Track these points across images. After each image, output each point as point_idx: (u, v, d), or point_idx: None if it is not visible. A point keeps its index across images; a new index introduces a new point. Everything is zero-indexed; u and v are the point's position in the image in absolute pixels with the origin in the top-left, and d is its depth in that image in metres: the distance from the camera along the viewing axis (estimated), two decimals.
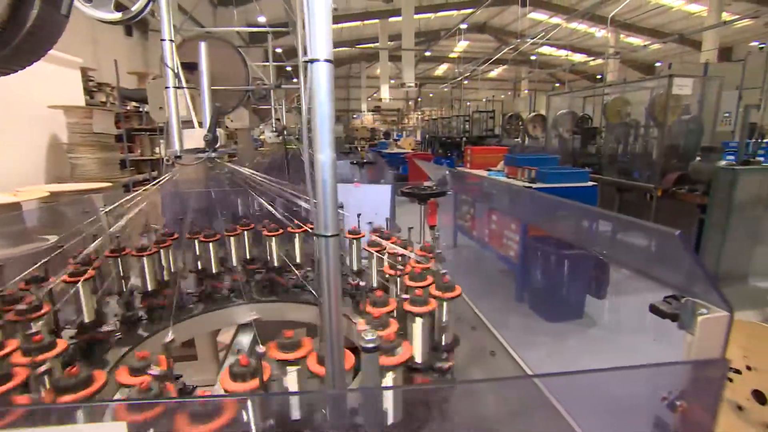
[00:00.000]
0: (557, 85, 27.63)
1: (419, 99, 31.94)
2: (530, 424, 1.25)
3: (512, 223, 4.19)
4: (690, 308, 0.75)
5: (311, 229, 1.99)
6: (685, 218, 5.15)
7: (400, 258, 1.61)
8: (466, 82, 22.16)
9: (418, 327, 1.12)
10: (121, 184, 5.21)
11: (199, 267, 1.97)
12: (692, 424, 0.75)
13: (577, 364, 3.24)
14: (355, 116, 27.96)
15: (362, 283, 1.79)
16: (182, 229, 1.96)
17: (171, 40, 1.27)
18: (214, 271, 1.97)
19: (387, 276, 1.60)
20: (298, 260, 1.96)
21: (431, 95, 30.56)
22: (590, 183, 4.46)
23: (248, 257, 2.06)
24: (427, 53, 21.31)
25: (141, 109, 6.85)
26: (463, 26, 17.49)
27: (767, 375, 2.27)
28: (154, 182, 1.84)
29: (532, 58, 22.69)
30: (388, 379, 0.89)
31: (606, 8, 14.38)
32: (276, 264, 1.96)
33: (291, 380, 0.89)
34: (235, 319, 2.04)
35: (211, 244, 1.89)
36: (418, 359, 1.17)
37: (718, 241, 4.83)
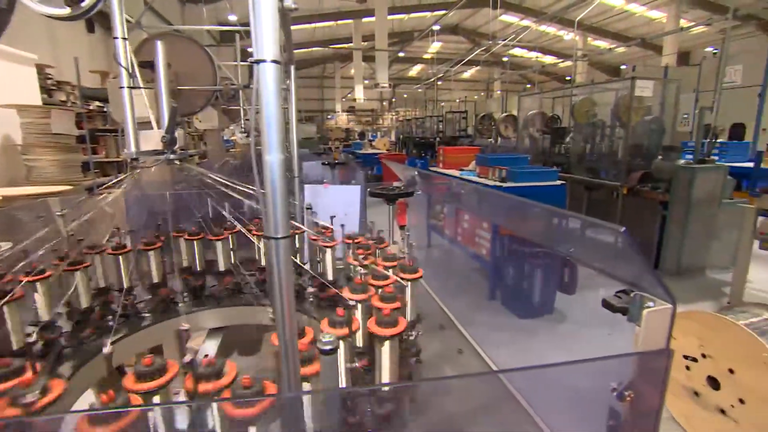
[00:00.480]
0: (528, 86, 28.25)
1: (393, 99, 32.09)
2: (494, 418, 1.27)
3: (483, 221, 4.26)
4: (638, 302, 0.78)
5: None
6: (649, 215, 5.35)
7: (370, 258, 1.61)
8: (439, 82, 22.37)
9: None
10: (84, 188, 5.00)
11: (153, 274, 1.89)
12: (639, 412, 0.77)
13: (546, 359, 3.31)
14: (329, 117, 27.83)
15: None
16: (136, 237, 1.89)
17: (124, 38, 1.23)
18: (166, 276, 1.91)
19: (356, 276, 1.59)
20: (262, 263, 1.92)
21: (405, 96, 30.75)
22: (559, 182, 4.58)
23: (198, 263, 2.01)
24: (401, 54, 21.41)
25: (105, 109, 6.61)
26: (436, 27, 17.67)
27: (720, 362, 2.39)
28: (108, 185, 1.77)
29: (504, 59, 23.11)
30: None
31: (573, 12, 14.82)
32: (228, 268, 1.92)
33: None
34: (201, 324, 2.00)
35: (162, 249, 1.82)
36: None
37: (679, 236, 5.04)
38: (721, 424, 2.36)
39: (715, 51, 15.28)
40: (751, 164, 5.97)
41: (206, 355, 0.93)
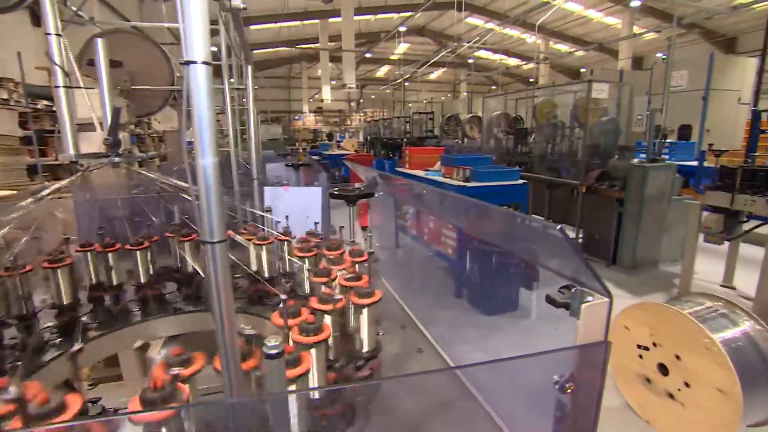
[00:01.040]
0: (493, 87, 28.92)
1: (361, 100, 32.04)
2: (450, 414, 1.29)
3: (446, 221, 4.32)
4: (578, 297, 0.80)
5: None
6: (606, 212, 5.58)
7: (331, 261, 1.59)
8: (407, 84, 22.53)
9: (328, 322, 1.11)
10: (30, 192, 4.71)
11: (95, 282, 1.79)
12: (581, 403, 0.80)
13: (508, 355, 3.39)
14: (296, 117, 27.47)
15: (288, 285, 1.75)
16: (66, 246, 1.78)
17: (58, 35, 1.16)
18: (114, 284, 1.82)
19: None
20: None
21: (373, 97, 30.77)
22: (521, 181, 4.70)
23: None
24: (368, 55, 21.43)
25: (54, 109, 6.26)
26: (402, 29, 17.77)
27: (669, 349, 2.52)
28: (51, 190, 1.67)
29: (470, 61, 23.53)
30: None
31: (535, 16, 15.28)
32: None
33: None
34: (155, 333, 1.93)
35: (111, 255, 1.74)
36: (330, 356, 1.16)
37: (634, 231, 5.29)
38: (670, 407, 2.49)
39: (664, 57, 16.18)
40: (696, 163, 6.35)
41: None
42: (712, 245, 4.80)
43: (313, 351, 0.95)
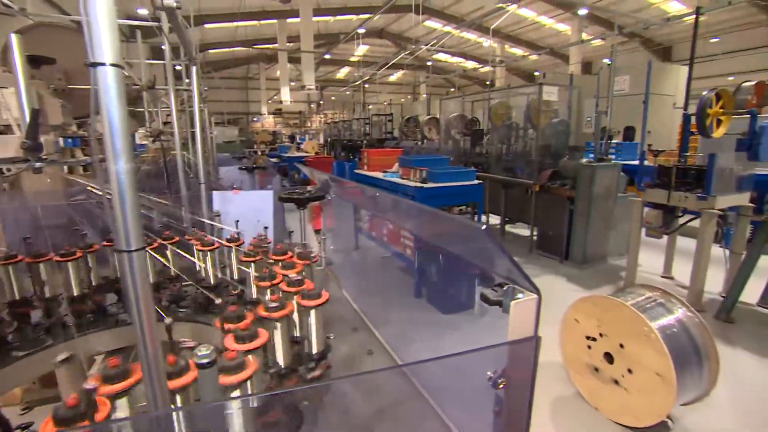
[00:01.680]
0: (452, 89, 29.52)
1: (321, 102, 31.78)
2: (398, 413, 1.29)
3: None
4: (510, 294, 0.82)
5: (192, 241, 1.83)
6: (559, 210, 5.82)
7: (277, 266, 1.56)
8: (367, 85, 22.58)
9: (278, 332, 1.08)
10: None
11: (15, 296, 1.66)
12: (514, 397, 0.82)
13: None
14: (255, 119, 26.85)
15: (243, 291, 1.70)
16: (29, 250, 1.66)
17: None
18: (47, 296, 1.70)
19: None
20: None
21: (333, 98, 30.60)
22: (477, 181, 4.80)
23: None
24: (327, 56, 21.29)
25: None
26: (361, 31, 17.80)
27: (613, 338, 2.65)
28: None
29: (429, 63, 23.90)
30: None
31: (491, 20, 15.76)
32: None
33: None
34: (94, 348, 1.82)
35: (43, 266, 1.62)
36: (281, 362, 1.13)
37: (584, 227, 5.54)
38: (616, 393, 2.63)
39: (609, 63, 17.13)
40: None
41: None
42: (653, 239, 5.12)
43: (250, 357, 0.93)
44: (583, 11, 15.56)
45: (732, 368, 3.23)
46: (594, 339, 2.80)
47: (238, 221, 2.04)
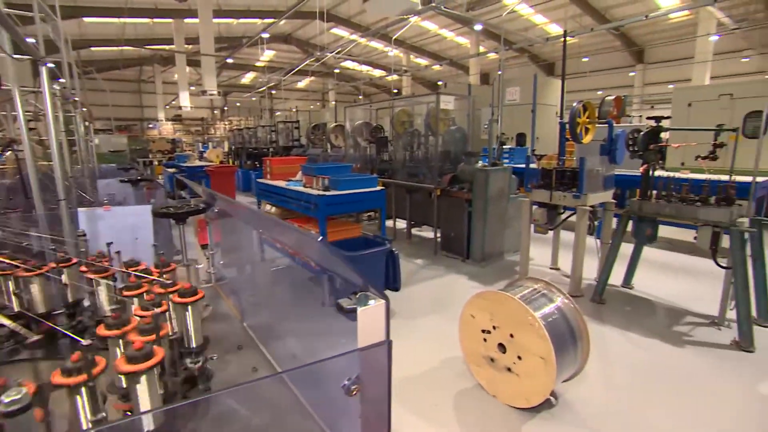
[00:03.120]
0: (360, 97, 30.01)
1: (225, 108, 30.22)
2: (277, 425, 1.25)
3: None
4: (362, 301, 0.83)
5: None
6: (459, 212, 6.16)
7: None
8: (273, 92, 22.00)
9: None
10: None
11: None
12: (370, 402, 0.82)
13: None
14: (150, 125, 24.62)
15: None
16: None
17: None
18: None
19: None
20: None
21: (238, 104, 29.27)
22: (379, 188, 4.88)
23: None
24: (230, 60, 20.32)
25: None
26: (265, 35, 17.30)
27: (505, 330, 2.86)
28: None
29: (336, 71, 24.01)
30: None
31: (395, 31, 16.35)
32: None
33: None
34: None
35: None
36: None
37: (481, 227, 5.94)
38: (509, 379, 2.84)
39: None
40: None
41: None
42: (541, 235, 5.67)
43: (81, 392, 0.82)
44: (478, 26, 16.85)
45: (602, 344, 3.69)
46: (488, 332, 2.99)
47: (110, 243, 1.82)
